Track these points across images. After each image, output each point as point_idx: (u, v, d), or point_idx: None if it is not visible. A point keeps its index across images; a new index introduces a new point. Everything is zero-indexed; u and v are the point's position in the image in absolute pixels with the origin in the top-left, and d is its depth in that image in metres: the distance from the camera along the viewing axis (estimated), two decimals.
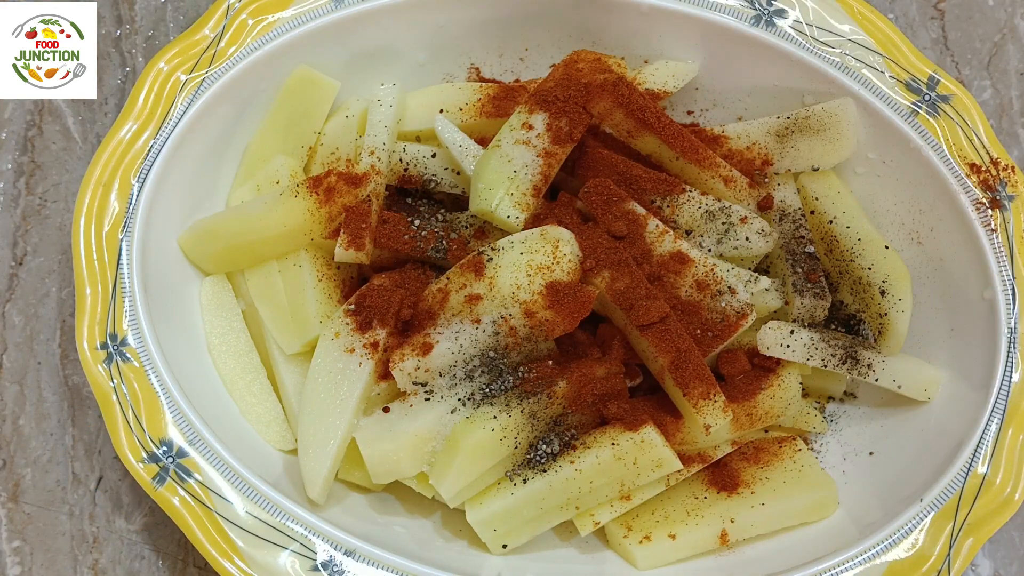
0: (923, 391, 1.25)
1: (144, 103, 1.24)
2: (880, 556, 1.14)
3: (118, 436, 1.14)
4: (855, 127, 1.29)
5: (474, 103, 1.34)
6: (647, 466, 1.16)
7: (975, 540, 1.14)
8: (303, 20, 1.28)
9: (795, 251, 1.29)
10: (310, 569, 1.11)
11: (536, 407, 1.16)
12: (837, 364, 1.24)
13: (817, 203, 1.32)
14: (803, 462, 1.25)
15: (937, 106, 1.27)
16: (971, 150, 1.25)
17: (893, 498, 1.20)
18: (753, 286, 1.23)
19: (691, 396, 1.15)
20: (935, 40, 1.53)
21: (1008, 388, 1.18)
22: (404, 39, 1.35)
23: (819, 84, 1.30)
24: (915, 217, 1.29)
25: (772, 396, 1.23)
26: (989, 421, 1.17)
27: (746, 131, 1.33)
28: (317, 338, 1.21)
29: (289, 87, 1.32)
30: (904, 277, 1.26)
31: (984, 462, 1.16)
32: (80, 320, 1.17)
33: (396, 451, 1.15)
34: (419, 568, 1.13)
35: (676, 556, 1.20)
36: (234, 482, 1.14)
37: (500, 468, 1.17)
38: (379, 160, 1.28)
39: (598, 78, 1.26)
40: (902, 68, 1.28)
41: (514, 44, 1.40)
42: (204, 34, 1.26)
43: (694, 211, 1.26)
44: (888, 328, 1.24)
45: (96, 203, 1.21)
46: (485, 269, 1.18)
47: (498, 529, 1.17)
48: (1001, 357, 1.19)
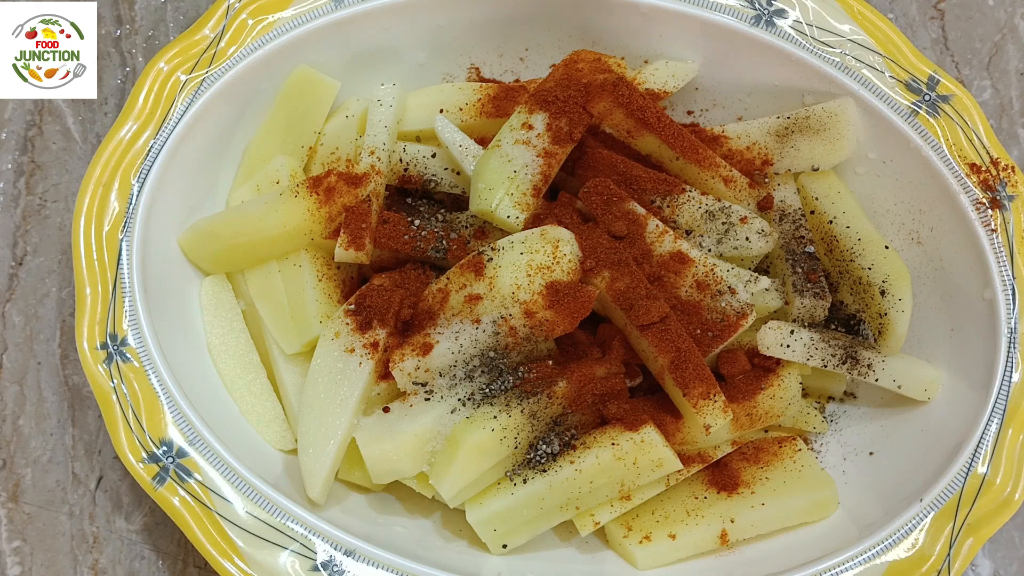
0: (923, 391, 1.25)
1: (144, 103, 1.24)
2: (880, 556, 1.14)
3: (118, 436, 1.14)
4: (855, 127, 1.29)
5: (474, 103, 1.34)
6: (647, 466, 1.16)
7: (975, 540, 1.14)
8: (303, 20, 1.28)
9: (795, 251, 1.29)
10: (310, 569, 1.11)
11: (536, 407, 1.16)
12: (837, 364, 1.24)
13: (817, 203, 1.32)
14: (803, 462, 1.25)
15: (937, 106, 1.26)
16: (971, 150, 1.25)
17: (893, 498, 1.20)
18: (753, 286, 1.23)
19: (691, 396, 1.15)
20: (935, 40, 1.53)
21: (1008, 388, 1.18)
22: (404, 39, 1.35)
23: (819, 84, 1.30)
24: (915, 217, 1.29)
25: (772, 396, 1.23)
26: (989, 421, 1.17)
27: (746, 131, 1.33)
28: (317, 338, 1.21)
29: (289, 87, 1.32)
30: (904, 277, 1.26)
31: (984, 462, 1.16)
32: (80, 320, 1.17)
33: (396, 451, 1.15)
34: (419, 568, 1.13)
35: (676, 556, 1.20)
36: (234, 482, 1.14)
37: (500, 468, 1.17)
38: (379, 160, 1.28)
39: (598, 78, 1.26)
40: (902, 68, 1.28)
41: (514, 44, 1.40)
42: (204, 34, 1.26)
43: (694, 211, 1.26)
44: (888, 328, 1.24)
45: (96, 203, 1.21)
46: (485, 269, 1.18)
47: (498, 529, 1.17)
48: (1001, 357, 1.19)
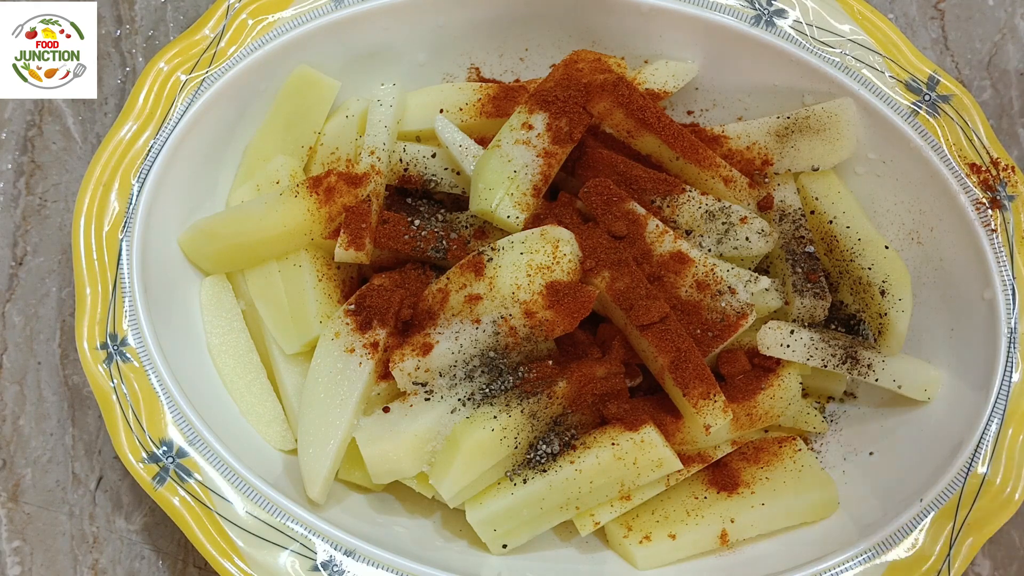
0: (923, 391, 1.25)
1: (144, 103, 1.24)
2: (880, 556, 1.14)
3: (118, 436, 1.14)
4: (855, 127, 1.29)
5: (474, 103, 1.34)
6: (647, 466, 1.16)
7: (975, 540, 1.14)
8: (303, 20, 1.28)
9: (795, 251, 1.29)
10: (310, 569, 1.11)
11: (536, 407, 1.16)
12: (837, 364, 1.24)
13: (817, 203, 1.32)
14: (803, 462, 1.25)
15: (937, 106, 1.26)
16: (971, 150, 1.25)
17: (893, 498, 1.20)
18: (753, 286, 1.22)
19: (691, 396, 1.15)
20: (935, 40, 1.53)
21: (1008, 388, 1.18)
22: (404, 39, 1.35)
23: (819, 84, 1.30)
24: (915, 217, 1.29)
25: (772, 396, 1.23)
26: (989, 421, 1.17)
27: (746, 131, 1.33)
28: (317, 338, 1.22)
29: (289, 87, 1.32)
30: (904, 277, 1.26)
31: (984, 462, 1.16)
32: (80, 320, 1.17)
33: (396, 451, 1.15)
34: (419, 568, 1.13)
35: (676, 556, 1.20)
36: (234, 482, 1.14)
37: (500, 468, 1.17)
38: (379, 160, 1.28)
39: (598, 78, 1.26)
40: (902, 68, 1.28)
41: (514, 44, 1.40)
42: (204, 34, 1.26)
43: (694, 211, 1.26)
44: (888, 328, 1.24)
45: (96, 203, 1.21)
46: (485, 269, 1.18)
47: (498, 529, 1.17)
48: (1001, 357, 1.19)
